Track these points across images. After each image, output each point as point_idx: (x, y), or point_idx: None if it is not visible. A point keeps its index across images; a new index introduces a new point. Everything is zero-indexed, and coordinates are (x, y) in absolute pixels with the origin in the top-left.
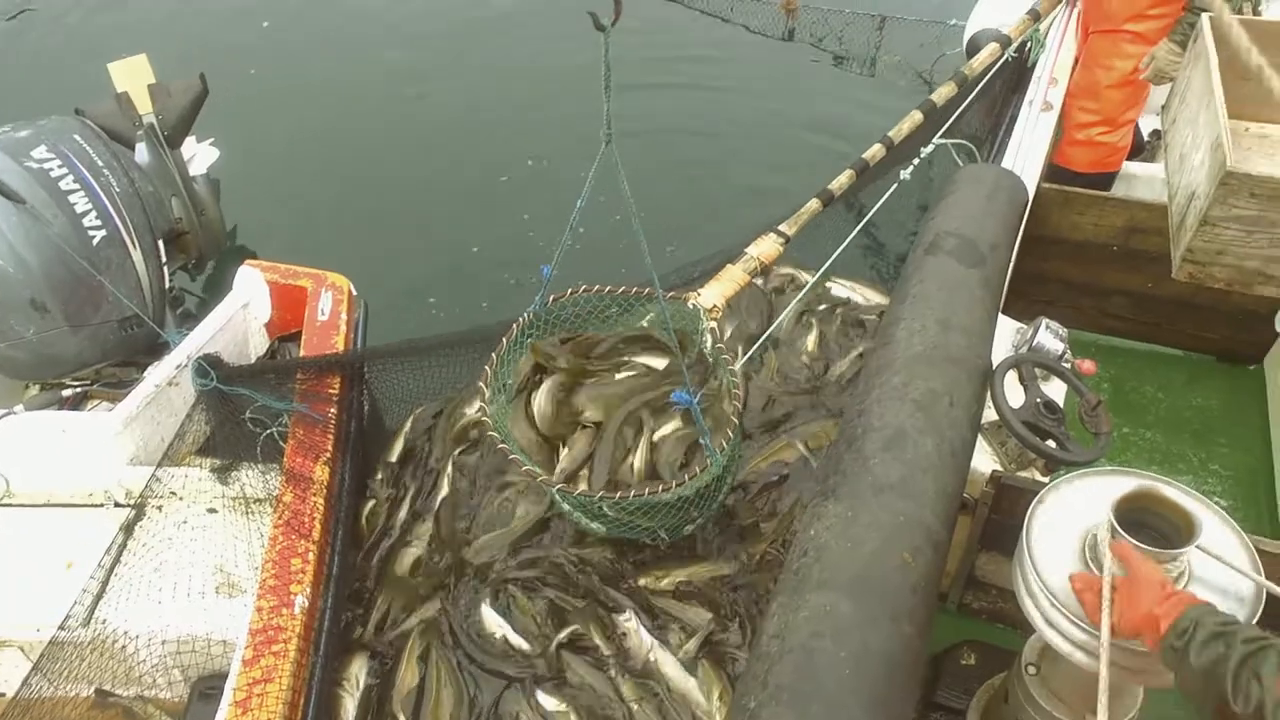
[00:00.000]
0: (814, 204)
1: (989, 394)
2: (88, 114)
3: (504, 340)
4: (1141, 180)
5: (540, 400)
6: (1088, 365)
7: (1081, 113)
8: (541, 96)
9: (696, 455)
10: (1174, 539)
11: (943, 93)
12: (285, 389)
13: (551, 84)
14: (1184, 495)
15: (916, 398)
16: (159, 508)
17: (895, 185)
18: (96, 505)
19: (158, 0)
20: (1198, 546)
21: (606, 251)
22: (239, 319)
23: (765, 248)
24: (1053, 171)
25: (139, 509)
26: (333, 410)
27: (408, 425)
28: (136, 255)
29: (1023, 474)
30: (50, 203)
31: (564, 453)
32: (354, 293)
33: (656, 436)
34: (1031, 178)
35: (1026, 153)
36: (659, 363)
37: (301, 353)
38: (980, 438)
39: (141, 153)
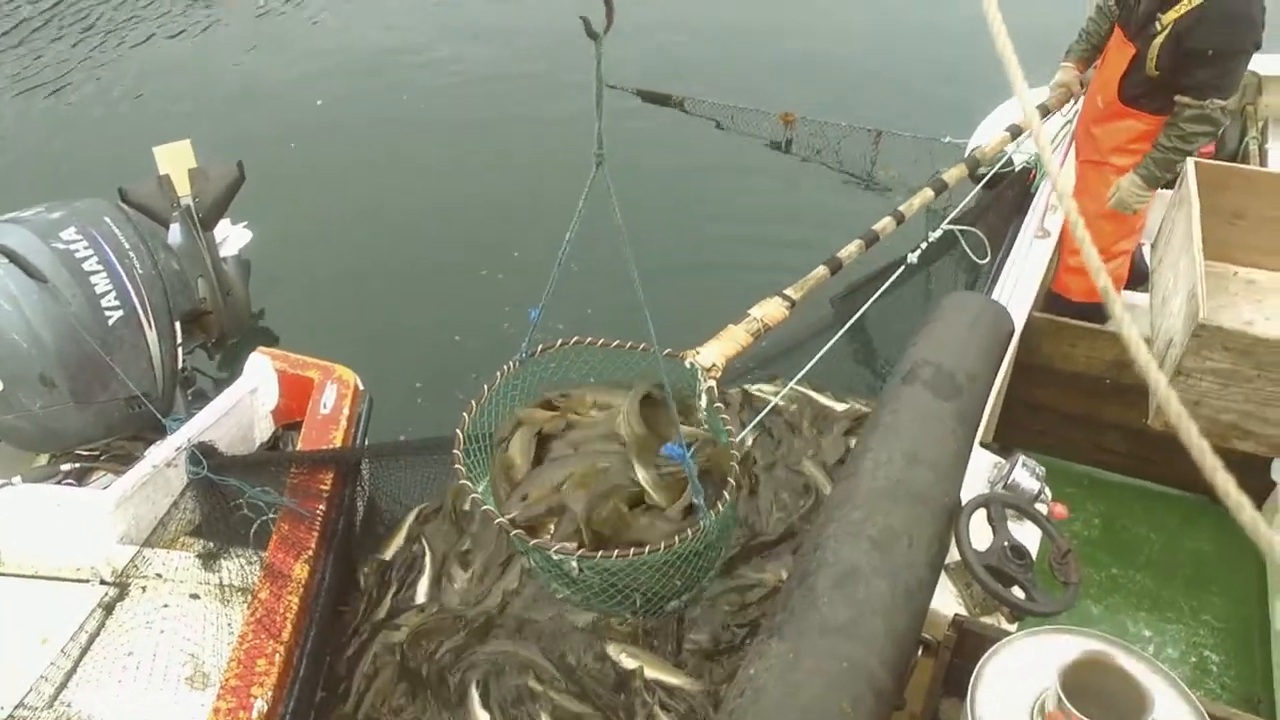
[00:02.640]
0: (821, 271)
1: (953, 534)
2: (129, 193)
3: (486, 389)
4: (1141, 311)
5: (514, 448)
6: (1060, 509)
7: (1075, 241)
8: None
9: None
10: (1129, 714)
11: (953, 173)
12: (278, 481)
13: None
14: (1140, 664)
15: (874, 535)
16: (143, 588)
17: (902, 268)
18: (82, 581)
19: (218, 75)
20: None
21: (596, 300)
22: (245, 404)
23: (769, 310)
24: (1050, 299)
25: (122, 588)
26: (321, 507)
27: (410, 519)
28: (151, 336)
29: (988, 619)
30: (71, 282)
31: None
32: (360, 387)
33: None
34: (1023, 305)
35: (1020, 279)
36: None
37: (300, 445)
38: (945, 578)
39: (175, 233)
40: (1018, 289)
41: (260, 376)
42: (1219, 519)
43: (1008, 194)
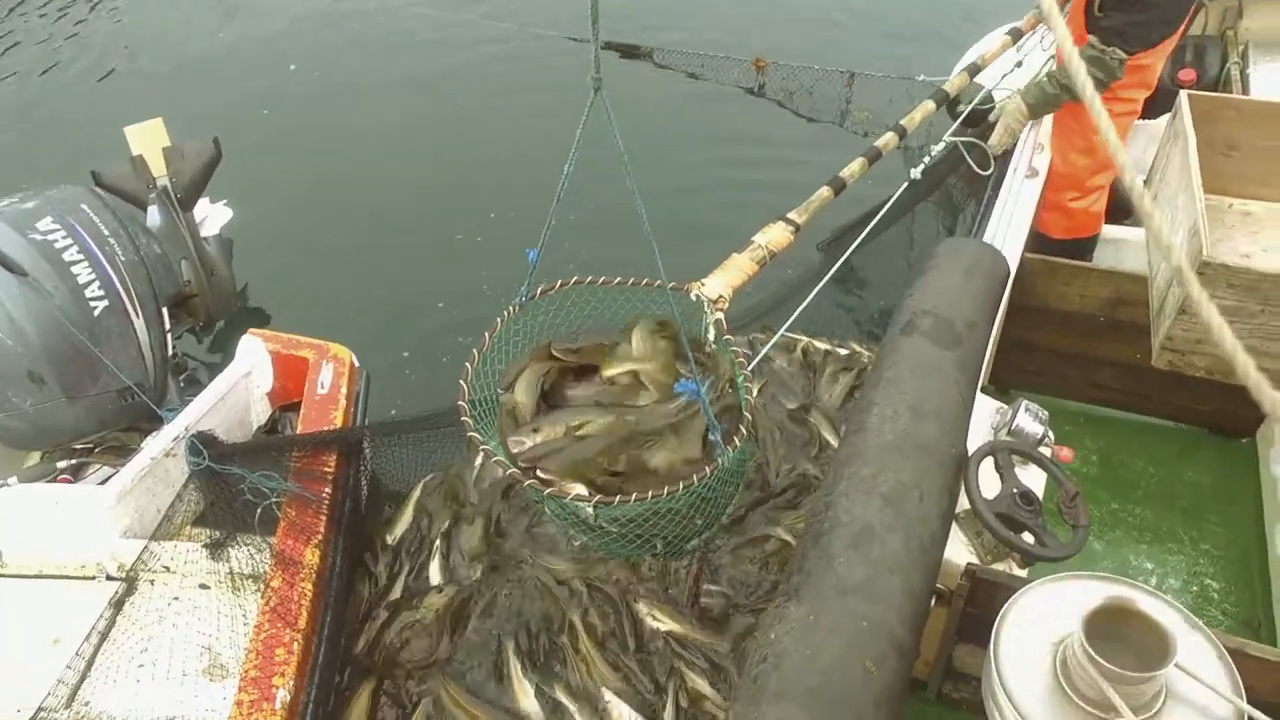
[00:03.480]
0: (825, 192)
1: (963, 484)
2: (103, 176)
3: (487, 335)
4: (1130, 246)
5: (519, 390)
6: (1066, 453)
7: (1054, 178)
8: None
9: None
10: (1150, 653)
11: (955, 83)
12: (280, 465)
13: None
14: (1161, 606)
15: (885, 491)
16: (151, 582)
17: (905, 185)
18: (88, 578)
19: (183, 47)
20: (1176, 665)
21: (591, 244)
22: (240, 388)
23: (774, 235)
24: (1035, 238)
25: (130, 583)
26: (327, 490)
27: (416, 493)
28: (139, 324)
29: (999, 566)
30: (52, 274)
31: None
32: (356, 364)
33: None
34: (1015, 247)
35: (1010, 220)
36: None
37: (299, 428)
38: (955, 527)
39: (154, 215)
40: (1010, 231)
41: (254, 359)
42: (1216, 449)
43: (991, 132)
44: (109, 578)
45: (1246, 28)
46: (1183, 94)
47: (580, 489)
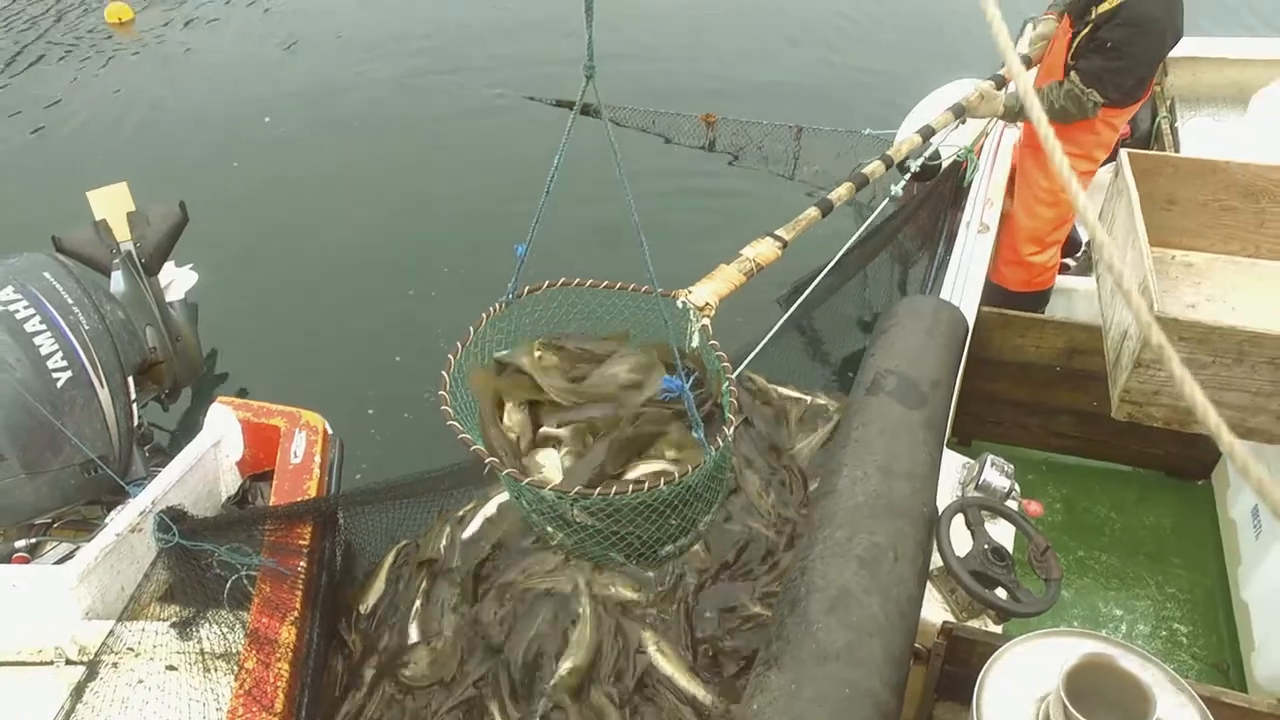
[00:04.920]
0: (813, 212)
1: (935, 543)
2: (65, 241)
3: (472, 330)
4: (1080, 296)
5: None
6: (1034, 506)
7: (1017, 231)
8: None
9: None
10: (1130, 709)
11: (941, 119)
12: (253, 538)
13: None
14: (1139, 662)
15: (860, 554)
16: (114, 665)
17: (886, 200)
18: (46, 664)
19: (143, 106)
20: None
21: (580, 246)
22: (209, 458)
23: (762, 249)
24: (989, 289)
25: (92, 668)
26: (302, 564)
27: (390, 559)
28: (103, 394)
29: (974, 623)
30: (14, 346)
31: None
32: (329, 431)
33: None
34: (972, 301)
35: (965, 275)
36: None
37: (272, 499)
38: (930, 585)
39: (117, 281)
40: (966, 286)
41: (223, 428)
42: (1174, 492)
43: (941, 187)
44: (69, 662)
45: (1172, 84)
46: (1123, 152)
47: (555, 475)
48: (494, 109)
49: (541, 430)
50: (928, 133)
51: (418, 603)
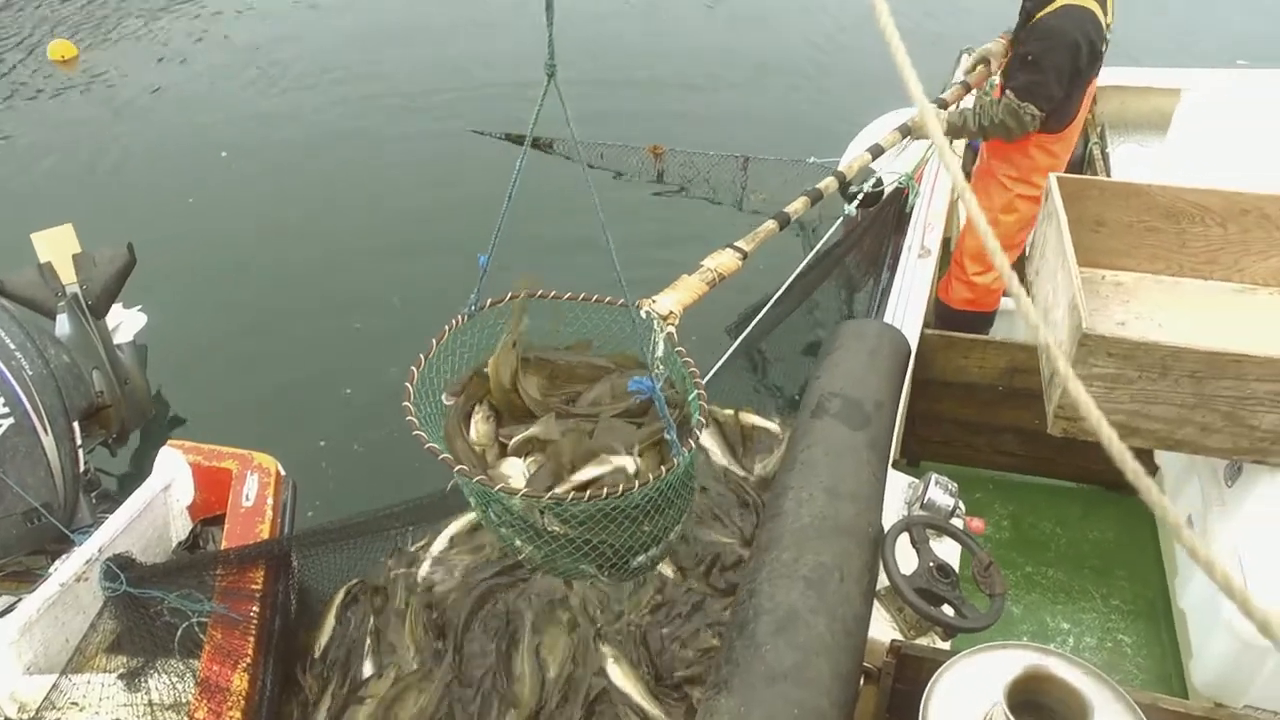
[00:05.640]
0: (770, 224)
1: (881, 562)
2: (7, 285)
3: (435, 343)
4: (1020, 316)
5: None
6: (977, 523)
7: (965, 249)
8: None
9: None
10: (1071, 718)
11: (889, 139)
12: (204, 584)
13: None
14: (1076, 670)
15: (807, 574)
16: None
17: (840, 219)
18: None
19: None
20: None
21: (541, 256)
22: (159, 503)
23: (723, 260)
24: (938, 307)
25: None
26: (255, 608)
27: (339, 597)
28: (47, 441)
29: (923, 640)
30: None
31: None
32: (282, 473)
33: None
34: (915, 324)
35: (907, 299)
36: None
37: (224, 543)
38: (878, 604)
39: (63, 324)
40: (909, 309)
41: (172, 472)
42: (1115, 506)
43: (884, 213)
44: None
45: (1101, 111)
46: (1052, 176)
47: (520, 480)
48: (443, 144)
49: (522, 435)
50: (877, 151)
51: (369, 641)
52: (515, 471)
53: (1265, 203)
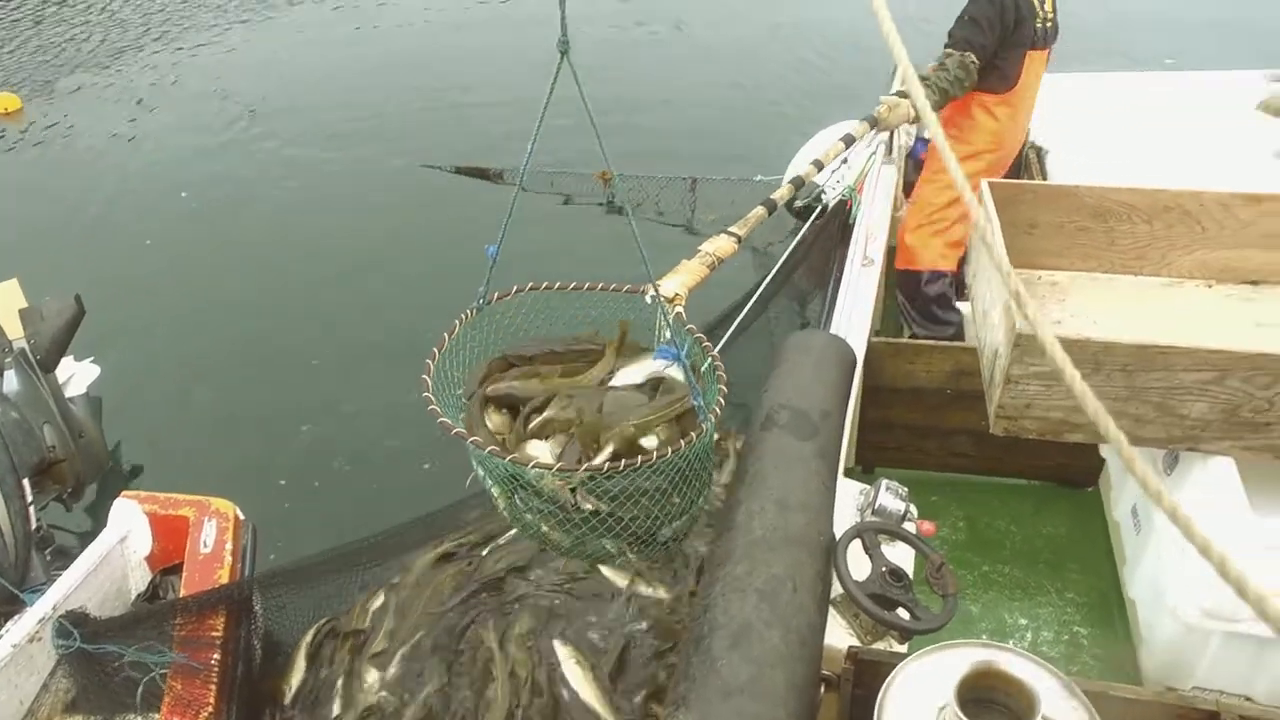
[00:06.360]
0: (760, 210)
1: (834, 570)
2: None
3: (446, 337)
4: (966, 320)
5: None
6: (927, 526)
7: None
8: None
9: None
10: (1022, 712)
11: (860, 129)
12: (164, 634)
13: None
14: (1025, 663)
15: (760, 586)
16: None
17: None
18: None
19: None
20: (1044, 718)
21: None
22: (115, 556)
23: (720, 244)
24: (902, 279)
25: None
26: (216, 656)
27: (308, 637)
28: None
29: (880, 645)
30: None
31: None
32: (240, 517)
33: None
34: (861, 333)
35: (852, 308)
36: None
37: (182, 591)
38: (834, 612)
39: (11, 381)
40: (854, 318)
41: (128, 523)
42: (1066, 500)
43: (829, 226)
44: None
45: (1039, 116)
46: (984, 182)
47: (549, 459)
48: (396, 179)
49: (543, 416)
50: (849, 140)
51: (340, 681)
52: (541, 452)
53: (1184, 199)
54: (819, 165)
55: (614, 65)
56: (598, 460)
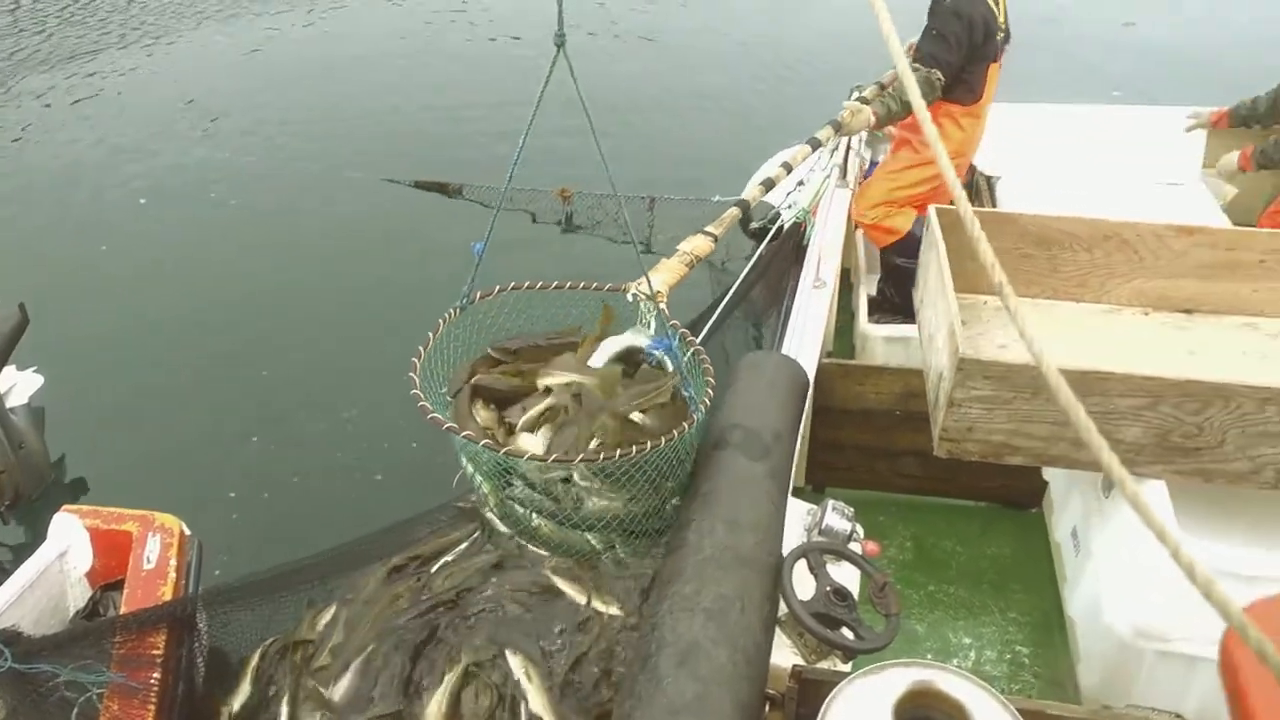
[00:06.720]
0: (734, 211)
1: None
2: None
3: (431, 336)
4: (914, 344)
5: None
6: (872, 546)
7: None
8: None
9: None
10: None
11: (824, 133)
12: (102, 652)
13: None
14: (960, 682)
15: (707, 606)
16: None
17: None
18: None
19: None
20: None
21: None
22: (54, 572)
23: (697, 243)
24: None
25: None
26: (156, 675)
27: (255, 659)
28: None
29: (824, 664)
30: None
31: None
32: (186, 532)
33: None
34: (812, 354)
35: (804, 329)
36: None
37: (123, 608)
38: (780, 631)
39: None
40: (805, 340)
41: (68, 538)
42: (1010, 522)
43: (784, 247)
44: None
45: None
46: (931, 208)
47: (541, 450)
48: (355, 193)
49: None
50: (815, 144)
51: (285, 700)
52: (533, 444)
53: (1123, 229)
54: (788, 168)
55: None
56: (592, 446)
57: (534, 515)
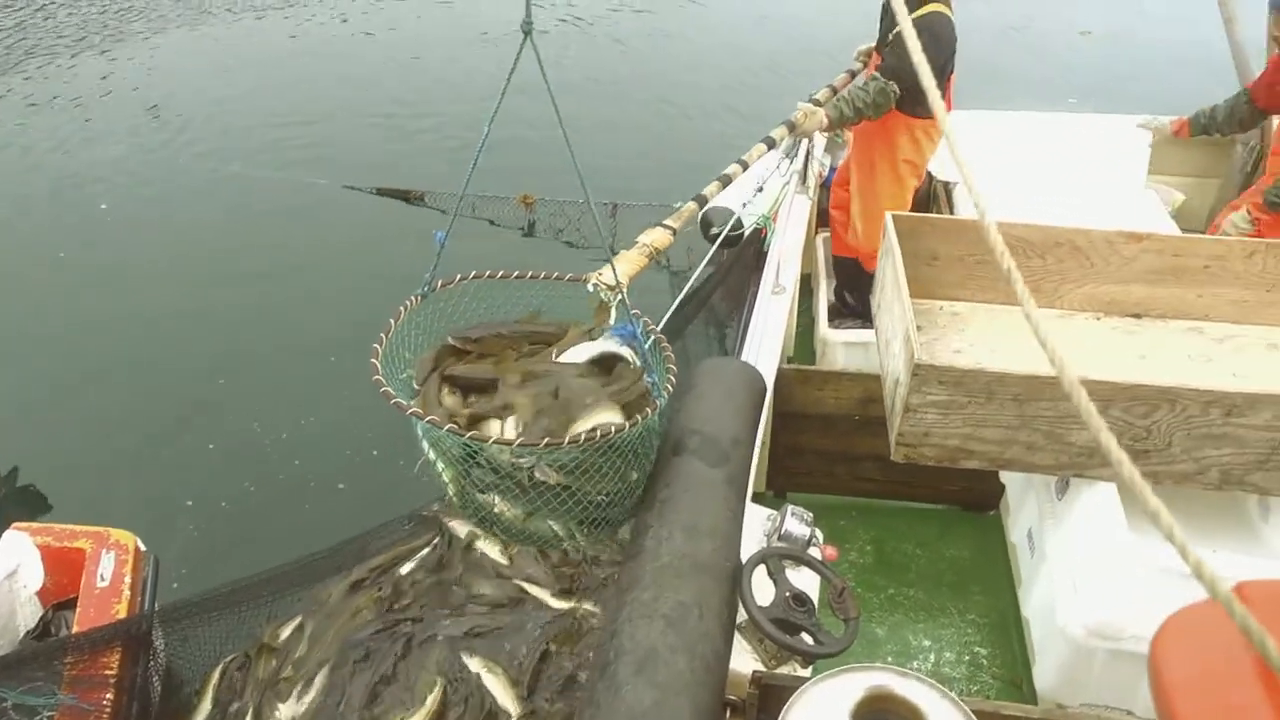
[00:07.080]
0: (692, 205)
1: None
2: None
3: (393, 322)
4: (873, 348)
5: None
6: (830, 551)
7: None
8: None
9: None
10: None
11: (779, 133)
12: (54, 673)
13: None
14: (917, 686)
15: (666, 613)
16: None
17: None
18: None
19: None
20: None
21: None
22: (3, 591)
23: (656, 236)
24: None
25: None
26: (109, 696)
27: (215, 675)
28: None
29: (784, 669)
30: None
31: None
32: (141, 549)
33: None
34: (772, 360)
35: (763, 337)
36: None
37: (75, 627)
38: (739, 637)
39: None
40: (764, 345)
41: (19, 557)
42: (969, 524)
43: (745, 253)
44: None
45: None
46: (888, 215)
47: (511, 434)
48: (316, 198)
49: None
50: (770, 142)
51: (250, 714)
52: (505, 429)
53: (1075, 235)
54: (744, 165)
55: (536, 90)
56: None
57: (495, 500)
